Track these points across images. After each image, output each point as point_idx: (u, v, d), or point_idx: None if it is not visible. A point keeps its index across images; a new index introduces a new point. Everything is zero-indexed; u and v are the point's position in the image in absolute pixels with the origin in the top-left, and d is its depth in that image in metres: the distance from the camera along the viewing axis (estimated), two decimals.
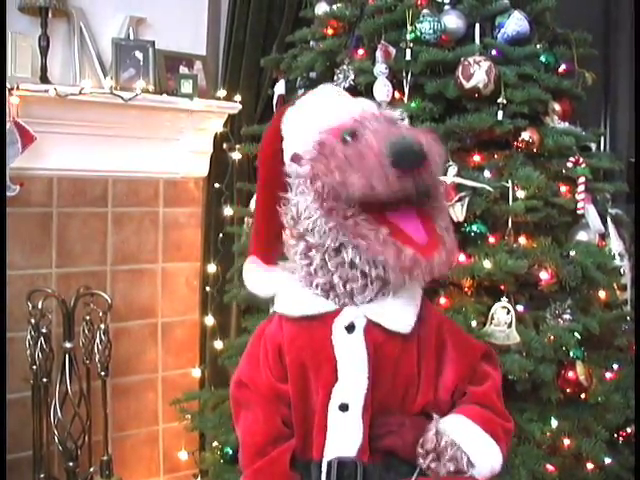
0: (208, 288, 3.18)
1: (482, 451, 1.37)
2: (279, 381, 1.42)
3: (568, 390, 2.16)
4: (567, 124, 2.43)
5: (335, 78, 2.39)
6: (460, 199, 2.14)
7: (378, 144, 1.23)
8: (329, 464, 1.35)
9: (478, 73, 2.18)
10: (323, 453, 1.36)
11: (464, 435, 1.37)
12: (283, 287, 1.44)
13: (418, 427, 1.37)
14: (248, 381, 1.46)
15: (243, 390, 1.47)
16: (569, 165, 2.34)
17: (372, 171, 1.22)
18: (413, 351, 1.38)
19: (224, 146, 3.16)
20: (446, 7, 2.34)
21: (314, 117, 1.40)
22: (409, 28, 2.26)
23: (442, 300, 2.13)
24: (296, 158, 1.37)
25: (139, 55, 2.95)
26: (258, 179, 1.55)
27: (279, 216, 1.41)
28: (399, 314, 1.36)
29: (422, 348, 1.39)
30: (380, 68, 2.26)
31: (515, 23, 2.33)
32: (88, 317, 2.73)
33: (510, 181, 2.19)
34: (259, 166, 1.55)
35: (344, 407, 1.35)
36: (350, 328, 1.36)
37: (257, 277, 1.51)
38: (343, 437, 1.35)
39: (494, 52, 2.29)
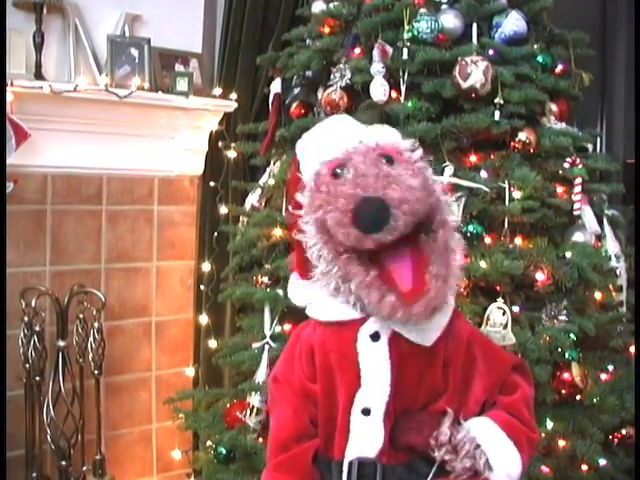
0: (202, 287, 3.17)
1: (502, 455, 1.38)
2: (309, 381, 1.46)
3: (563, 391, 2.16)
4: (564, 125, 2.42)
5: (331, 77, 2.39)
6: (456, 199, 2.14)
7: (346, 199, 1.25)
8: (350, 464, 1.38)
9: (475, 73, 2.17)
10: (344, 453, 1.39)
11: (487, 436, 1.38)
12: (317, 294, 1.47)
13: (436, 423, 1.38)
14: (282, 378, 1.51)
15: (277, 386, 1.52)
16: (565, 166, 2.33)
17: (337, 223, 1.26)
18: (439, 363, 1.40)
19: (219, 144, 3.15)
20: (443, 6, 2.34)
21: (320, 147, 1.42)
22: (406, 27, 2.26)
23: None
24: (303, 187, 1.39)
25: (134, 52, 2.94)
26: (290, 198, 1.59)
27: None
28: (424, 327, 1.36)
29: (449, 361, 1.41)
30: (377, 67, 2.25)
31: (512, 23, 2.32)
32: (82, 315, 2.72)
33: (506, 181, 2.19)
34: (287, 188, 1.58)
35: (366, 411, 1.37)
36: (375, 337, 1.38)
37: (296, 289, 1.59)
38: (364, 439, 1.38)
39: (491, 52, 2.28)
